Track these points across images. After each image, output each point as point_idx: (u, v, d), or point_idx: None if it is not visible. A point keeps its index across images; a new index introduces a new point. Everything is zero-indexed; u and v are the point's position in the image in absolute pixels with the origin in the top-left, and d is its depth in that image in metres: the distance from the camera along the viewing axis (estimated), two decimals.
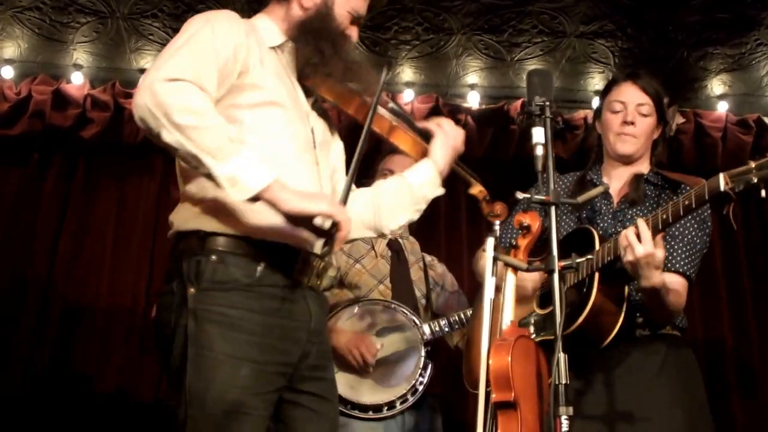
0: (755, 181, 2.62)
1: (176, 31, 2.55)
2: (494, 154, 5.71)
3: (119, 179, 5.71)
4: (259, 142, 2.56)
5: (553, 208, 2.52)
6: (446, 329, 3.90)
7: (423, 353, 3.84)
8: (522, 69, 5.49)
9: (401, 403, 3.77)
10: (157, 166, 5.68)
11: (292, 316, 2.62)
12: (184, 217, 2.64)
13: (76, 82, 5.52)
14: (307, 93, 2.87)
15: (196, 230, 2.58)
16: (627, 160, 3.35)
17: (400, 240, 4.08)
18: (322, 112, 2.97)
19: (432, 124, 2.97)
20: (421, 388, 3.82)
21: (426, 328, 3.88)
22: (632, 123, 3.30)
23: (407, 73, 5.59)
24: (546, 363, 2.70)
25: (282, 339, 2.58)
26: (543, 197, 2.53)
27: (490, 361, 2.62)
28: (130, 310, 5.37)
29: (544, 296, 3.23)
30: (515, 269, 2.81)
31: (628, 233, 2.87)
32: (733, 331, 5.63)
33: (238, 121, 2.56)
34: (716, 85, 5.65)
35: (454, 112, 5.67)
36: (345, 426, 3.64)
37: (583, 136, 5.67)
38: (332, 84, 2.85)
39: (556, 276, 2.45)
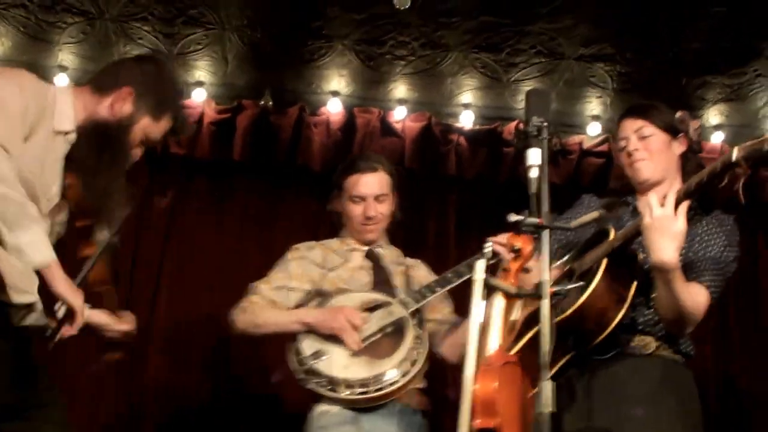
0: (766, 149, 2.66)
1: (167, 36, 2.53)
2: (487, 176, 5.66)
3: None
4: None
5: (546, 232, 2.49)
6: (428, 294, 3.72)
7: (413, 322, 3.65)
8: (518, 90, 5.42)
9: (403, 376, 3.52)
10: (140, 177, 5.42)
11: None
12: None
13: (61, 85, 5.38)
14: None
15: None
16: (647, 184, 3.35)
17: (377, 249, 3.96)
18: None
19: None
20: (420, 358, 3.61)
21: (407, 298, 3.71)
22: (635, 150, 3.34)
23: (401, 89, 5.52)
24: (531, 391, 2.64)
25: None
26: (536, 221, 2.51)
27: (476, 387, 2.55)
28: None
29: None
30: (505, 293, 2.74)
31: (651, 196, 2.93)
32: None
33: None
34: (713, 115, 5.59)
35: (446, 132, 5.65)
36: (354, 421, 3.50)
37: (577, 162, 5.63)
38: (80, 192, 2.96)
39: (546, 302, 2.42)
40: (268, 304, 3.75)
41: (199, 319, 5.19)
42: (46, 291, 2.73)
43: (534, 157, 2.56)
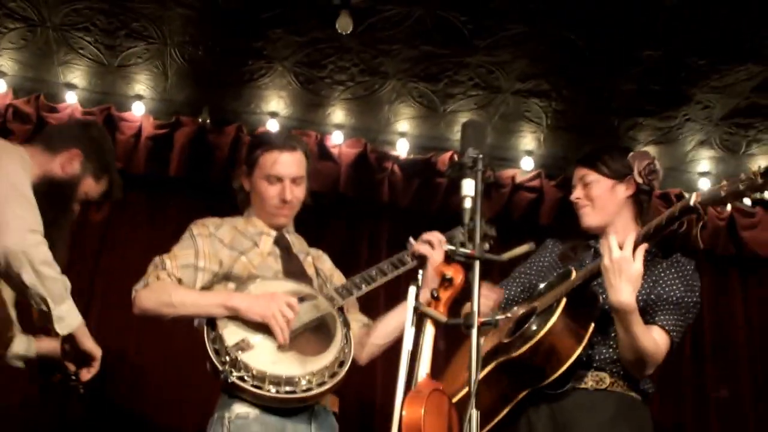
0: (723, 195, 2.75)
1: (108, 47, 2.54)
2: (419, 206, 5.69)
3: None
4: None
5: (477, 263, 2.50)
6: (354, 291, 3.46)
7: (339, 320, 3.33)
8: (454, 121, 5.50)
9: (331, 377, 3.17)
10: None
11: None
12: None
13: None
14: None
15: None
16: (596, 231, 3.43)
17: (286, 235, 3.67)
18: None
19: None
20: (348, 359, 3.26)
21: (331, 293, 3.43)
22: (577, 198, 3.44)
23: (338, 114, 5.56)
24: (458, 419, 2.66)
25: None
26: (468, 251, 2.53)
27: (403, 413, 2.55)
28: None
29: (515, 329, 3.29)
30: (435, 321, 2.76)
31: (611, 239, 2.97)
32: None
33: None
34: None
35: (382, 160, 5.69)
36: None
37: (509, 195, 5.70)
38: None
39: (474, 332, 2.42)
40: (175, 282, 3.32)
41: (129, 335, 5.12)
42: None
43: (468, 188, 2.57)
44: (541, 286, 3.43)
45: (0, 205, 2.99)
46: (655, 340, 3.09)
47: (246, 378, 3.03)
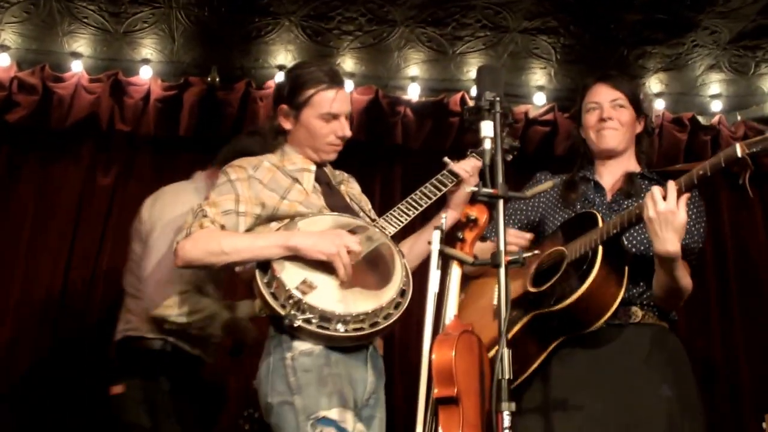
0: None
1: (113, 15, 2.48)
2: (432, 146, 5.70)
3: (43, 165, 5.54)
4: None
5: (501, 202, 2.51)
6: (404, 218, 3.32)
7: (395, 249, 3.19)
8: (464, 63, 5.50)
9: (395, 308, 3.04)
10: (84, 153, 5.56)
11: None
12: None
13: (3, 64, 5.34)
14: None
15: None
16: (611, 153, 3.42)
17: (324, 169, 3.51)
18: None
19: None
20: (409, 288, 3.13)
21: (384, 223, 3.30)
22: (609, 118, 3.40)
23: (348, 63, 5.55)
24: (488, 359, 2.69)
25: None
26: (491, 190, 2.53)
27: (433, 356, 2.58)
28: (45, 300, 5.25)
29: (538, 276, 3.25)
30: (461, 263, 2.79)
31: (654, 190, 2.93)
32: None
33: None
34: (654, 84, 5.72)
35: (394, 104, 5.69)
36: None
37: (523, 130, 5.71)
38: None
39: (502, 271, 2.44)
40: (219, 229, 3.12)
41: None
42: None
43: (487, 129, 2.60)
44: (545, 224, 3.43)
45: None
46: (688, 277, 3.12)
47: (312, 320, 2.89)
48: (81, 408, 4.88)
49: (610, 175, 3.44)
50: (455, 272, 2.79)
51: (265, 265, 3.01)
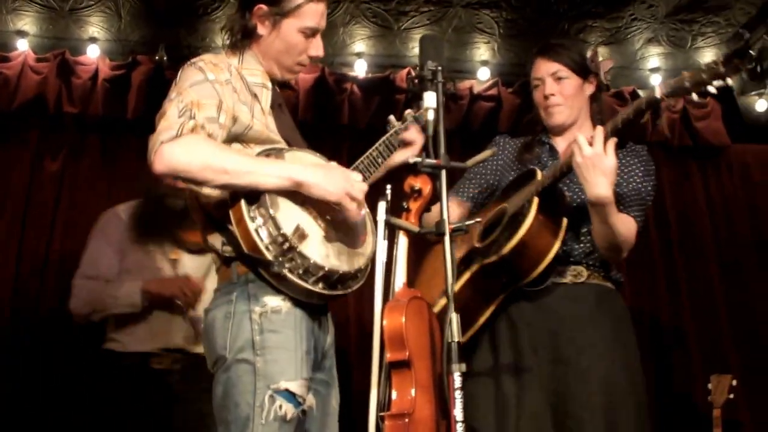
0: (687, 85, 2.82)
1: None
2: (379, 123, 5.66)
3: None
4: None
5: (444, 172, 2.55)
6: (372, 170, 3.06)
7: (364, 210, 2.83)
8: (409, 38, 5.53)
9: (362, 272, 2.80)
10: (31, 137, 5.46)
11: None
12: None
13: None
14: None
15: None
16: (561, 128, 3.50)
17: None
18: None
19: None
20: (375, 248, 2.84)
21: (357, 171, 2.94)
22: (552, 94, 3.45)
23: None
24: (438, 323, 2.77)
25: None
26: (434, 161, 2.56)
27: (385, 322, 2.67)
28: None
29: (485, 232, 3.35)
30: (407, 232, 2.86)
31: (579, 136, 3.01)
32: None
33: None
34: None
35: (340, 82, 5.69)
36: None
37: (468, 106, 5.76)
38: None
39: (447, 239, 2.49)
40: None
41: None
42: None
43: (430, 100, 2.61)
44: (503, 185, 3.51)
45: None
46: (628, 227, 3.21)
47: (296, 271, 2.57)
48: (35, 397, 4.88)
49: (564, 141, 3.51)
50: (402, 242, 2.88)
51: (253, 198, 2.59)
